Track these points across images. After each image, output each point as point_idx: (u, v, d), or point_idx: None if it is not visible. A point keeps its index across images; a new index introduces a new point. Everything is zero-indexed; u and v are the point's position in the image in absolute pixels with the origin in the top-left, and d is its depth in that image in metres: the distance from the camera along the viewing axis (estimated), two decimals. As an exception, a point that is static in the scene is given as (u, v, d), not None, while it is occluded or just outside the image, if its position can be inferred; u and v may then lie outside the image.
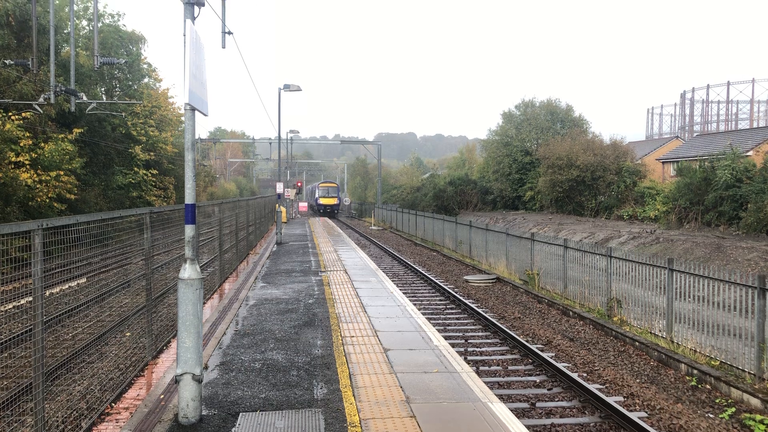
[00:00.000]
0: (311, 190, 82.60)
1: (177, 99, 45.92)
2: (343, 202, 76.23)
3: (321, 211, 67.07)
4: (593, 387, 9.21)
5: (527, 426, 7.64)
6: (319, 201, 67.77)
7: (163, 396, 6.92)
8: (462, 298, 16.64)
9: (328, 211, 66.91)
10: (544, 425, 8.04)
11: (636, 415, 8.09)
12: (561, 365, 10.36)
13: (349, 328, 10.25)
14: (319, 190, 68.89)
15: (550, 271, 17.60)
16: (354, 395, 6.87)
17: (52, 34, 19.36)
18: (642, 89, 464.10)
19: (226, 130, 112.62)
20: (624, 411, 8.03)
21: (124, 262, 15.15)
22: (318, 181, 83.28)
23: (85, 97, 21.84)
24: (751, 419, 8.17)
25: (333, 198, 67.96)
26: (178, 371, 6.10)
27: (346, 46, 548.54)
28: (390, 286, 14.75)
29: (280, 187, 30.64)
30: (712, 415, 8.43)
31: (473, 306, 15.37)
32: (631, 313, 13.18)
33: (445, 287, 18.21)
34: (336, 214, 68.99)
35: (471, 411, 6.44)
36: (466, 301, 16.20)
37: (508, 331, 12.70)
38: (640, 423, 7.63)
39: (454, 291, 17.87)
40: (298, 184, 55.55)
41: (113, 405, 6.70)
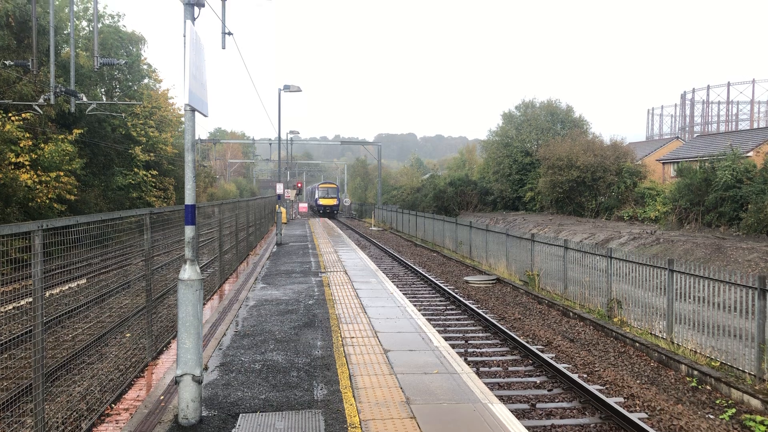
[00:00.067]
0: (311, 191, 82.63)
1: (177, 100, 45.95)
2: (343, 203, 76.27)
3: (321, 212, 67.16)
4: (593, 388, 9.20)
5: (527, 427, 7.64)
6: (318, 202, 67.90)
7: (163, 397, 6.92)
8: (462, 299, 16.64)
9: (328, 211, 67.00)
10: (545, 426, 8.04)
11: (636, 416, 8.09)
12: (561, 366, 10.35)
13: (349, 329, 10.25)
14: (319, 191, 68.97)
15: (550, 271, 17.59)
16: (354, 396, 6.87)
17: (52, 34, 19.37)
18: (642, 90, 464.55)
19: (226, 130, 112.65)
20: (624, 412, 8.02)
21: (124, 263, 15.16)
22: (318, 182, 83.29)
23: (85, 98, 21.85)
24: (751, 420, 8.17)
25: (333, 199, 68.03)
26: (178, 372, 6.09)
27: (346, 47, 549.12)
28: (390, 287, 14.74)
29: (280, 187, 30.64)
30: (712, 416, 8.42)
31: (473, 307, 15.36)
32: (631, 314, 13.18)
33: (445, 288, 18.21)
34: (336, 214, 69.05)
35: (471, 412, 6.43)
36: (467, 302, 16.19)
37: (509, 332, 12.69)
38: (641, 424, 7.63)
39: (454, 292, 17.86)
40: (298, 185, 55.57)
41: (113, 406, 6.70)
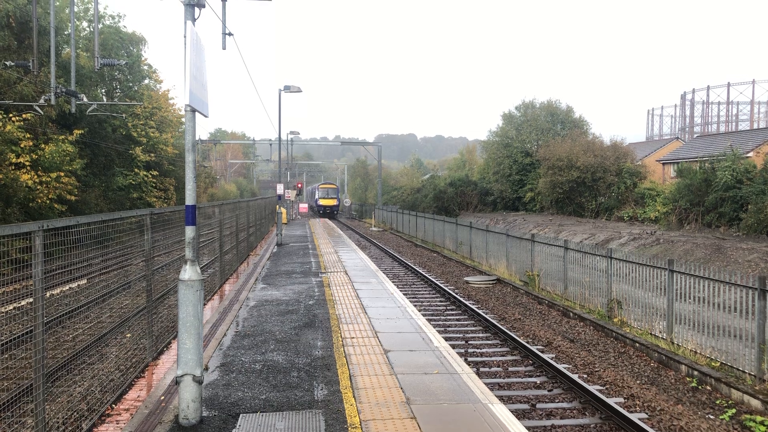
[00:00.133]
0: (311, 192, 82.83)
1: (177, 100, 46.00)
2: (344, 203, 76.42)
3: (321, 212, 67.34)
4: (593, 388, 9.21)
5: (528, 427, 7.64)
6: (318, 202, 68.11)
7: (163, 397, 6.92)
8: (462, 299, 16.64)
9: (328, 212, 67.19)
10: (545, 426, 8.04)
11: (636, 417, 8.09)
12: (561, 366, 10.36)
13: (349, 329, 10.25)
14: (319, 192, 69.16)
15: (550, 272, 17.59)
16: (354, 396, 6.87)
17: (53, 35, 19.37)
18: (642, 90, 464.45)
19: (226, 131, 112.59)
20: (624, 412, 8.03)
21: (124, 263, 15.17)
22: (318, 183, 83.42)
23: (85, 99, 21.86)
24: (751, 420, 8.17)
25: (333, 199, 68.19)
26: (179, 372, 6.10)
27: (346, 48, 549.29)
28: (390, 288, 14.75)
29: (280, 188, 30.65)
30: (712, 417, 8.43)
31: (473, 307, 15.37)
32: (631, 315, 13.18)
33: (445, 288, 18.21)
34: (335, 215, 69.19)
35: (471, 412, 6.44)
36: (467, 302, 16.20)
37: (509, 332, 12.70)
38: (641, 424, 7.63)
39: (454, 292, 17.87)
40: (299, 186, 55.58)
41: (114, 406, 6.71)
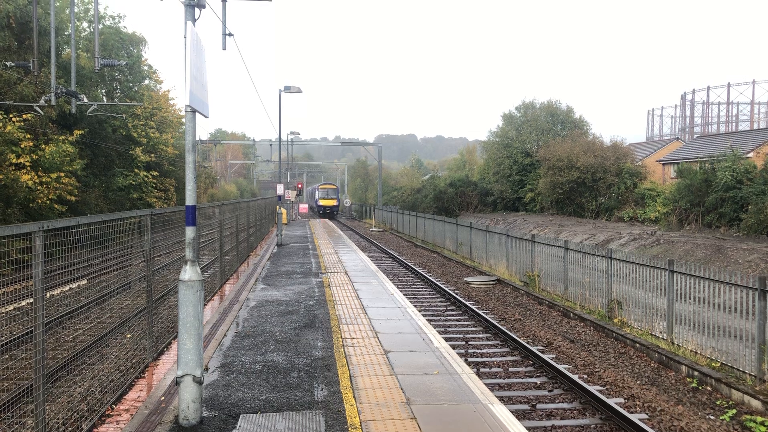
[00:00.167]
0: (311, 192, 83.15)
1: (178, 101, 46.03)
2: (344, 204, 76.63)
3: (321, 213, 67.61)
4: (594, 389, 9.20)
5: (528, 428, 7.64)
6: (318, 202, 68.41)
7: (163, 398, 6.92)
8: (462, 299, 16.64)
9: (328, 212, 67.46)
10: (545, 427, 8.04)
11: (637, 417, 8.09)
12: (561, 367, 10.35)
13: (349, 329, 10.25)
14: (319, 192, 69.44)
15: (550, 272, 17.59)
16: (354, 397, 6.87)
17: (53, 36, 19.37)
18: (642, 91, 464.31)
19: (226, 131, 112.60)
20: (625, 413, 8.02)
21: (124, 263, 15.17)
22: (318, 183, 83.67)
23: (85, 99, 21.88)
24: (752, 421, 8.16)
25: (332, 199, 68.42)
26: (179, 373, 6.10)
27: (346, 48, 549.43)
28: (390, 288, 14.74)
29: (280, 188, 30.65)
30: (712, 417, 8.42)
31: (474, 308, 15.37)
32: (631, 315, 13.18)
33: (445, 289, 18.21)
34: (335, 215, 69.44)
35: (471, 413, 6.44)
36: (467, 302, 16.20)
37: (509, 332, 12.69)
38: (641, 425, 7.63)
39: (454, 293, 17.86)
40: (299, 186, 55.66)
41: (114, 407, 6.71)
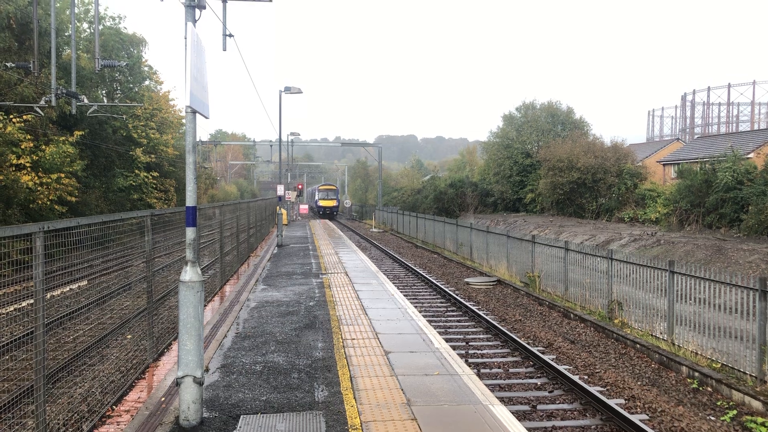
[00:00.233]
0: (311, 193, 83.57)
1: (178, 101, 46.06)
2: (344, 205, 76.99)
3: (320, 213, 68.02)
4: (594, 389, 9.20)
5: (528, 428, 7.64)
6: (318, 203, 68.91)
7: (164, 398, 6.92)
8: (463, 300, 16.63)
9: (328, 213, 67.89)
10: (545, 428, 8.03)
11: (637, 418, 8.08)
12: (562, 368, 10.35)
13: (349, 330, 10.25)
14: (319, 193, 69.88)
15: (551, 273, 17.59)
16: (355, 398, 6.87)
17: (53, 36, 19.37)
18: (643, 91, 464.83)
19: (227, 132, 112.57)
20: (625, 413, 8.02)
21: (125, 264, 15.17)
22: (318, 184, 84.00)
23: (86, 100, 21.86)
24: (752, 422, 8.16)
25: (332, 200, 68.77)
26: (179, 374, 6.09)
27: (346, 49, 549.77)
28: (391, 289, 14.74)
29: (280, 189, 30.64)
30: (713, 418, 8.42)
31: (474, 308, 15.36)
32: (632, 316, 13.18)
33: (445, 289, 18.20)
34: (335, 216, 69.84)
35: (472, 413, 6.43)
36: (467, 303, 16.19)
37: (509, 333, 12.69)
38: (642, 426, 7.62)
39: (455, 293, 17.86)
40: (299, 187, 55.70)
41: (114, 407, 6.70)
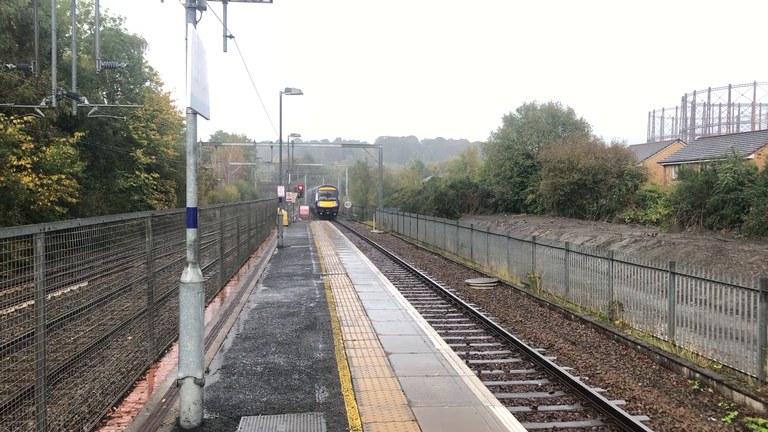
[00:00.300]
0: (311, 194, 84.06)
1: (178, 102, 46.13)
2: (344, 206, 77.44)
3: (320, 214, 68.58)
4: (595, 390, 9.19)
5: (529, 429, 7.63)
6: (318, 204, 69.49)
7: (164, 400, 6.91)
8: (463, 301, 16.62)
9: (328, 214, 68.44)
10: (546, 429, 8.03)
11: (638, 419, 8.07)
12: (563, 369, 10.34)
13: (350, 331, 10.25)
14: (319, 194, 70.48)
15: (551, 274, 17.58)
16: (356, 399, 6.87)
17: (54, 38, 19.39)
18: (643, 92, 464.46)
19: (227, 133, 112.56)
20: (626, 415, 8.01)
21: (125, 265, 15.18)
22: (318, 185, 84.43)
23: (86, 101, 21.89)
24: (753, 423, 8.15)
25: (332, 201, 69.22)
26: (180, 375, 6.09)
27: (347, 50, 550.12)
28: (391, 290, 14.74)
29: (281, 190, 30.64)
30: (714, 419, 8.41)
31: (475, 309, 15.36)
32: (632, 317, 13.17)
33: (446, 291, 18.20)
34: (335, 216, 70.44)
35: (473, 414, 6.43)
36: (468, 304, 16.18)
37: (510, 334, 12.68)
38: (642, 427, 7.62)
39: (455, 294, 17.85)
40: (300, 188, 55.75)
41: (115, 409, 6.70)
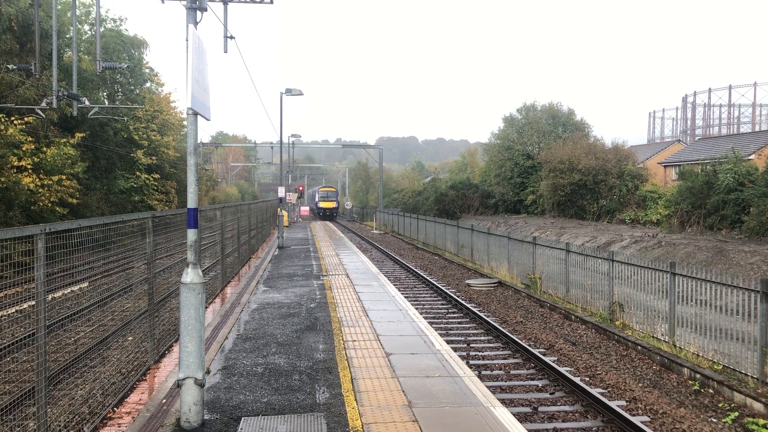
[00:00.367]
0: (311, 195, 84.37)
1: (179, 103, 46.18)
2: (345, 206, 77.63)
3: (320, 215, 68.83)
4: (595, 391, 9.19)
5: (530, 430, 7.63)
6: (318, 205, 69.82)
7: (165, 400, 6.92)
8: (464, 302, 16.62)
9: (328, 214, 68.72)
10: (547, 429, 8.03)
11: (638, 420, 8.07)
12: (563, 369, 10.34)
13: (351, 332, 10.25)
14: (319, 195, 70.82)
15: (552, 275, 17.58)
16: (356, 399, 6.87)
17: (55, 38, 19.40)
18: (644, 93, 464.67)
19: (228, 134, 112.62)
20: (626, 415, 8.01)
21: (126, 266, 15.17)
22: (318, 186, 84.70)
23: (87, 102, 21.90)
24: (754, 423, 8.15)
25: (332, 202, 69.46)
26: (181, 375, 6.09)
27: (347, 50, 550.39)
28: (392, 290, 14.74)
29: (281, 191, 30.64)
30: (714, 420, 8.40)
31: (475, 310, 15.36)
32: (633, 317, 13.16)
33: (446, 291, 18.20)
34: (335, 217, 70.68)
35: (473, 415, 6.43)
36: (468, 305, 16.18)
37: (510, 335, 12.68)
38: (643, 427, 7.62)
39: (455, 295, 17.85)
40: (300, 189, 55.83)
41: (115, 409, 6.70)
